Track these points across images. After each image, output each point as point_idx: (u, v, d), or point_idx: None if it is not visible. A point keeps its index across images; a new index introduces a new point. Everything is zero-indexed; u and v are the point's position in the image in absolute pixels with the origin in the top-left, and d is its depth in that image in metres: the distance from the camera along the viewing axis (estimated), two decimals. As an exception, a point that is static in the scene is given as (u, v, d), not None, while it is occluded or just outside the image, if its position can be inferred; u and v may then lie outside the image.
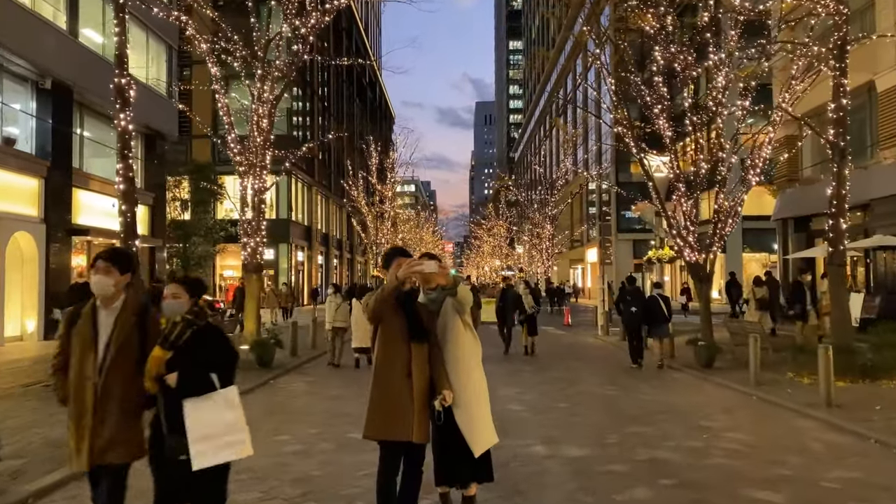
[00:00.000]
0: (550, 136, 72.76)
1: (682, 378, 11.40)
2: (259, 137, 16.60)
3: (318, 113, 48.27)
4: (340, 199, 48.52)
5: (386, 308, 3.79)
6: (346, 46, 59.81)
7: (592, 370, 12.53)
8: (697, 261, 16.42)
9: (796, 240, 23.63)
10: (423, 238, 75.08)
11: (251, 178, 16.81)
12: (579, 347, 17.27)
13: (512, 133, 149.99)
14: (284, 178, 40.04)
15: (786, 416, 8.04)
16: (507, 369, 12.50)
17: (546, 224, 45.92)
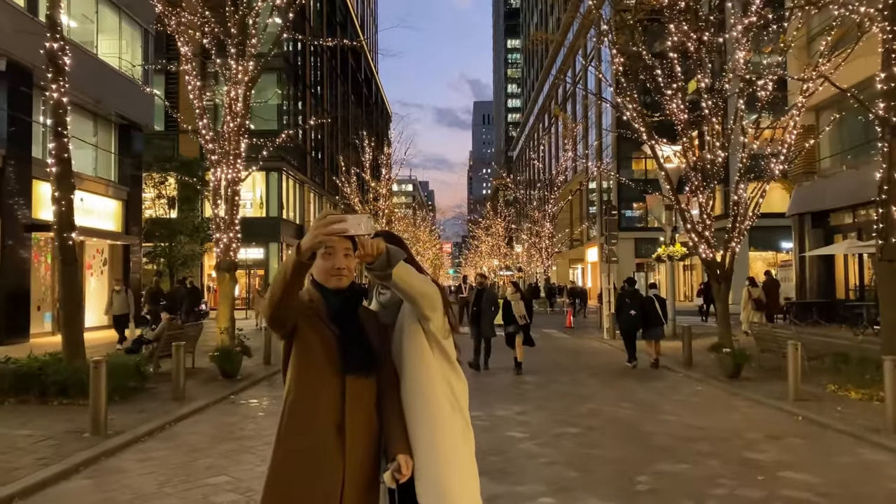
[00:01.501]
0: (550, 133, 71.28)
1: (708, 392, 9.90)
2: (232, 122, 15.09)
3: (311, 109, 46.76)
4: (334, 197, 47.03)
5: (295, 311, 2.30)
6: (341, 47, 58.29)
7: (603, 381, 11.03)
8: (714, 258, 14.97)
9: (814, 236, 22.16)
10: (420, 237, 73.62)
11: (224, 168, 15.30)
12: (585, 353, 15.76)
13: (510, 132, 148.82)
14: (275, 176, 38.70)
15: (847, 445, 6.55)
16: (505, 381, 11.00)
17: (545, 222, 44.41)
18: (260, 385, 10.73)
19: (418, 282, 2.35)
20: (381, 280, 2.31)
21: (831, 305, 21.04)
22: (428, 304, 2.39)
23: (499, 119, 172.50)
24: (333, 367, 2.32)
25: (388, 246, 2.31)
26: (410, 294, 2.34)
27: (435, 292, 2.43)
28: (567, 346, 17.46)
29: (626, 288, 13.89)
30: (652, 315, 12.93)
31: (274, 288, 2.21)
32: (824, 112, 21.33)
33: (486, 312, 12.40)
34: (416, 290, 2.34)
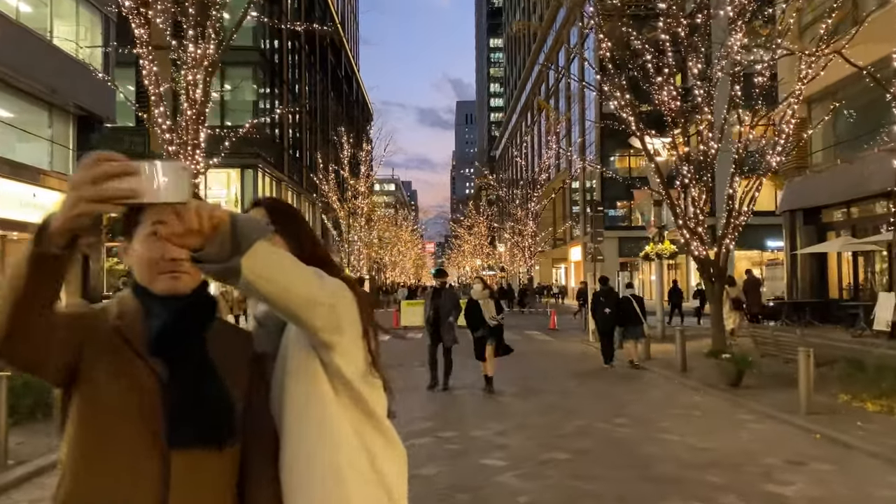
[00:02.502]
0: (532, 132, 70.50)
1: (709, 403, 8.94)
2: (190, 110, 13.97)
3: (288, 104, 45.49)
4: (313, 195, 45.79)
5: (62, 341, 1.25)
6: (321, 40, 57.13)
7: (592, 391, 10.04)
8: (708, 256, 14.08)
9: (805, 233, 21.37)
10: (402, 237, 72.54)
11: (182, 161, 14.14)
12: (570, 358, 14.80)
13: (493, 132, 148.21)
14: (250, 173, 37.45)
15: (882, 473, 5.58)
16: (481, 391, 9.94)
17: (528, 221, 43.50)
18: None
19: (298, 280, 1.30)
20: (220, 278, 1.24)
21: (825, 305, 20.27)
22: (324, 321, 1.35)
23: (481, 118, 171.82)
24: (150, 435, 1.29)
25: (236, 215, 1.24)
26: (283, 302, 1.29)
27: (340, 298, 1.38)
28: (551, 349, 16.50)
29: (601, 287, 13.79)
30: (630, 315, 12.86)
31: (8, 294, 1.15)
32: (817, 105, 20.58)
33: (444, 316, 10.27)
34: (296, 294, 1.29)
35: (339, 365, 1.38)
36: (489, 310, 10.18)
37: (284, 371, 1.41)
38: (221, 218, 1.18)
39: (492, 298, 10.41)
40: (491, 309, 10.21)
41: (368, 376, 1.44)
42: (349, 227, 39.52)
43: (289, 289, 1.27)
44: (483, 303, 10.17)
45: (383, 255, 63.35)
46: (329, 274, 1.40)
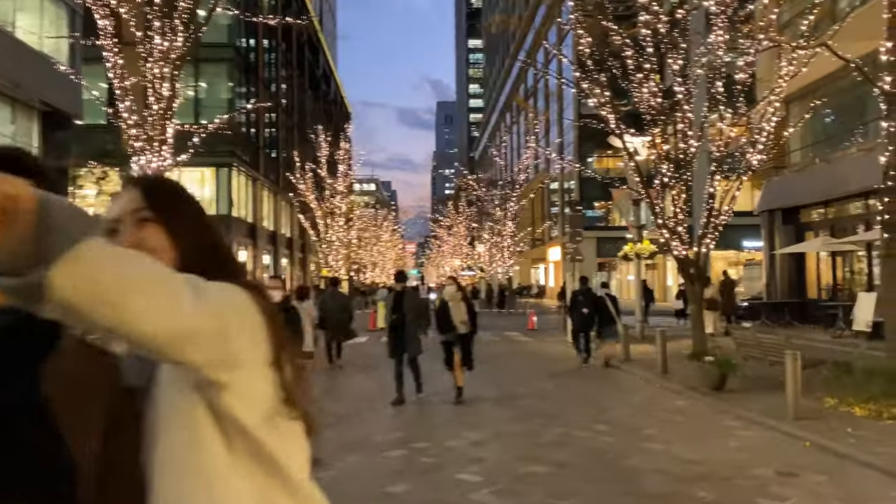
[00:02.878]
0: (511, 132, 70.38)
1: (692, 408, 8.66)
2: (156, 105, 13.46)
3: (263, 101, 44.77)
4: (290, 195, 45.15)
5: None
6: (297, 38, 56.46)
7: (572, 395, 9.73)
8: (688, 256, 13.86)
9: (784, 233, 21.31)
10: (381, 237, 72.03)
11: (148, 157, 13.66)
12: (548, 359, 14.50)
13: (472, 132, 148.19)
14: (225, 171, 36.76)
15: (879, 485, 5.27)
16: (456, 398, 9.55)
17: (507, 221, 43.26)
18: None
19: (157, 300, 0.82)
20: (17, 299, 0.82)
21: (803, 306, 20.21)
22: (207, 353, 0.91)
23: (461, 119, 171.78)
24: None
25: (47, 197, 0.78)
26: (134, 336, 0.83)
27: (233, 316, 0.95)
28: (529, 350, 16.20)
29: (580, 287, 13.86)
30: (605, 314, 12.99)
31: None
32: (795, 104, 20.50)
33: (409, 323, 9.14)
34: (152, 323, 0.82)
35: (232, 409, 0.97)
36: (459, 313, 9.11)
37: (157, 415, 1.01)
38: (20, 198, 0.74)
39: (464, 301, 9.35)
40: (461, 313, 9.14)
41: (278, 419, 1.04)
42: (326, 226, 38.94)
43: (140, 316, 0.81)
44: (453, 305, 9.11)
45: (363, 255, 62.80)
46: (225, 279, 1.00)
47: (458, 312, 9.13)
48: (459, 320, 9.10)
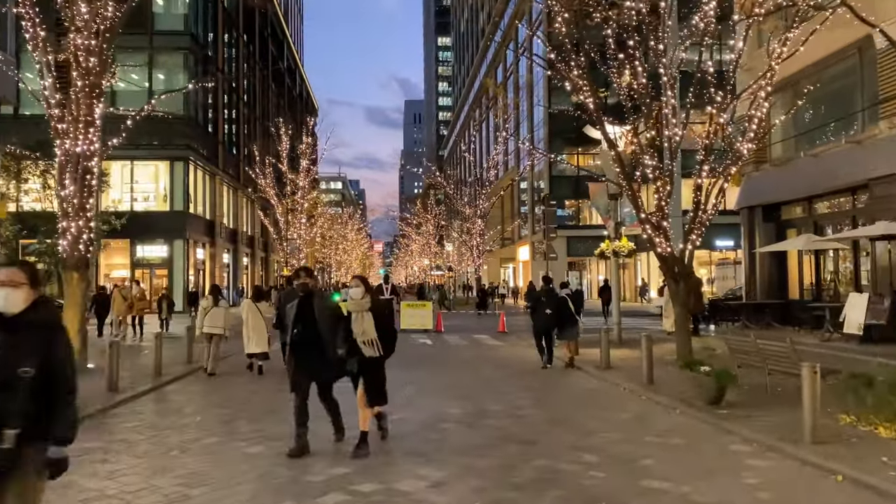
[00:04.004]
0: (480, 130, 69.26)
1: (691, 427, 7.46)
2: (81, 81, 11.92)
3: (223, 93, 42.95)
4: (252, 191, 43.36)
5: None
6: (261, 26, 54.57)
7: (551, 411, 8.47)
8: (672, 253, 12.77)
9: (765, 231, 20.44)
10: (347, 236, 70.37)
11: (73, 140, 12.10)
12: (521, 367, 13.27)
13: (441, 131, 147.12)
14: (181, 165, 34.91)
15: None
16: (419, 418, 8.22)
17: (476, 220, 42.06)
18: (81, 429, 7.64)
19: None
20: None
21: (785, 306, 19.34)
22: None
23: (430, 118, 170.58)
24: None
25: None
26: None
27: None
28: (500, 357, 14.97)
29: (543, 286, 13.43)
30: (566, 315, 12.74)
31: None
32: (778, 94, 19.62)
33: (321, 339, 6.40)
34: None
35: None
36: (364, 330, 6.22)
37: None
38: None
39: (372, 312, 6.30)
40: (368, 329, 6.22)
41: None
42: (287, 223, 37.27)
43: None
44: (357, 317, 6.25)
45: (328, 254, 61.09)
46: None
47: (361, 328, 6.21)
48: (364, 339, 6.20)
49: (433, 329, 21.69)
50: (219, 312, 12.50)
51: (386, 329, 6.37)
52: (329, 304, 6.73)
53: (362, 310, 6.23)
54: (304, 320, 6.36)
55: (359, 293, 6.30)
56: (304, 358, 6.39)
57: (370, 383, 6.37)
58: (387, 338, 6.35)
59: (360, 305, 6.24)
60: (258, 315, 12.61)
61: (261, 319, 12.58)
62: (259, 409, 8.67)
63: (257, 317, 12.59)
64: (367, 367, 6.32)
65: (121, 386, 9.78)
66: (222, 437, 7.11)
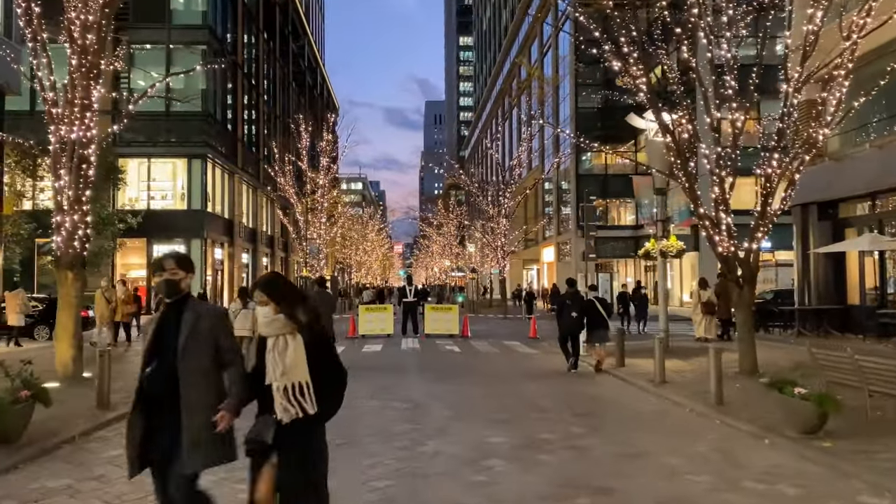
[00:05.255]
0: (504, 129, 67.84)
1: (797, 467, 5.97)
2: (75, 58, 10.76)
3: (242, 91, 42.00)
4: (272, 190, 42.36)
5: None
6: (281, 24, 53.66)
7: (613, 443, 7.01)
8: (736, 253, 11.36)
9: (820, 230, 18.82)
10: (367, 236, 69.25)
11: (69, 125, 10.95)
12: (565, 379, 11.92)
13: (462, 131, 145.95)
14: (199, 163, 33.95)
15: None
16: (460, 445, 6.87)
17: (501, 219, 40.64)
18: (52, 459, 6.39)
19: None
20: None
21: (844, 312, 17.71)
22: None
23: (451, 118, 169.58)
24: None
25: None
26: None
27: None
28: (537, 367, 13.61)
29: (568, 290, 13.24)
30: (595, 318, 12.54)
31: None
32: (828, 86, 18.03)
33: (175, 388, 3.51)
34: None
35: None
36: (286, 368, 3.33)
37: None
38: None
39: (311, 332, 3.46)
40: (292, 366, 3.34)
41: None
42: (307, 223, 36.15)
43: None
44: (274, 346, 3.38)
45: (348, 254, 60.00)
46: None
47: (283, 364, 3.34)
48: (284, 384, 3.31)
49: (459, 334, 20.36)
50: (247, 315, 12.12)
51: (327, 366, 3.40)
52: (217, 320, 3.66)
53: (283, 332, 3.38)
54: (163, 351, 3.51)
55: (267, 314, 3.41)
56: (154, 423, 3.49)
57: (292, 479, 3.24)
58: (327, 383, 3.38)
59: (276, 329, 3.39)
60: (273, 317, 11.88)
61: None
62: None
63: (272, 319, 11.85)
64: (288, 441, 3.25)
65: (113, 401, 8.54)
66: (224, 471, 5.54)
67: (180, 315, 3.53)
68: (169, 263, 3.62)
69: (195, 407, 3.40)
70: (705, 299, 17.53)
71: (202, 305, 3.68)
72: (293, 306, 3.41)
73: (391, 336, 20.16)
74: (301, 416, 3.26)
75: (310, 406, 3.27)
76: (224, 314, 3.76)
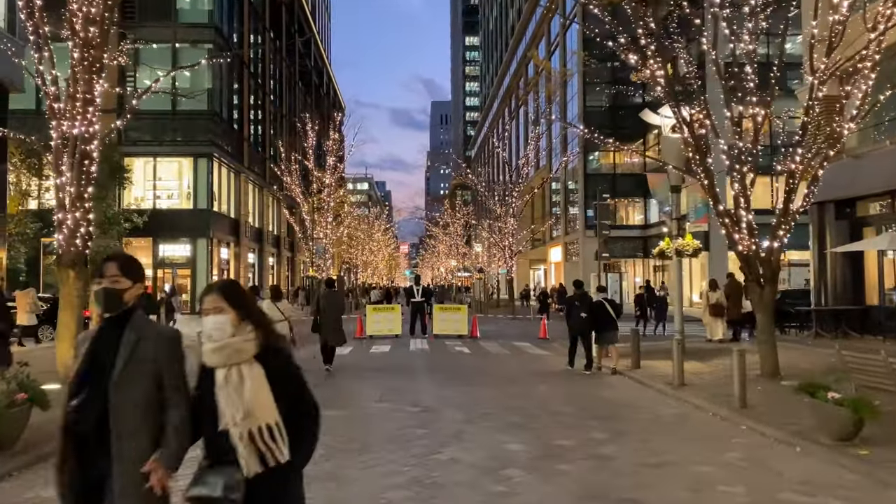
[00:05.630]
0: (510, 129, 67.49)
1: (834, 476, 5.63)
2: (77, 51, 10.49)
3: (249, 90, 41.78)
4: (278, 189, 42.11)
5: None
6: (287, 23, 53.46)
7: (636, 451, 6.65)
8: (757, 252, 11.01)
9: (837, 229, 18.42)
10: (374, 236, 68.99)
11: (70, 120, 10.68)
12: (579, 381, 11.60)
13: (468, 131, 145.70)
14: (205, 163, 33.73)
15: None
16: (476, 452, 6.57)
17: (509, 218, 40.28)
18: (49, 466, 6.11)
19: None
20: None
21: (863, 313, 17.31)
22: None
23: (457, 118, 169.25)
24: None
25: None
26: None
27: None
28: (549, 369, 13.30)
29: (575, 291, 13.25)
30: (604, 319, 12.46)
31: None
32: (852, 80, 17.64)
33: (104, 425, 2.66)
34: None
35: None
36: (248, 408, 2.56)
37: None
38: None
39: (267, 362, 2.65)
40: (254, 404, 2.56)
41: None
42: (313, 222, 35.89)
43: None
44: (226, 378, 2.60)
45: (354, 254, 59.74)
46: None
47: (242, 402, 2.55)
48: (245, 429, 2.54)
49: (468, 335, 20.04)
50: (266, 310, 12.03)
51: (296, 401, 2.68)
52: (165, 345, 2.77)
53: (237, 362, 2.60)
54: (96, 379, 2.70)
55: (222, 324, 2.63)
56: (88, 472, 2.67)
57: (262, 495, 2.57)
58: (299, 422, 2.67)
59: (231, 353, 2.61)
60: (278, 315, 11.85)
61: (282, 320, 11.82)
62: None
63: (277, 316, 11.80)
64: (257, 502, 2.56)
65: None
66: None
67: (121, 334, 2.73)
68: (110, 269, 2.82)
69: (127, 454, 2.59)
70: (714, 301, 17.29)
71: (149, 325, 2.81)
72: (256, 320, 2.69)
73: (399, 336, 19.86)
74: (272, 467, 2.55)
75: (283, 452, 2.55)
76: (175, 338, 2.79)
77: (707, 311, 17.58)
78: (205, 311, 2.63)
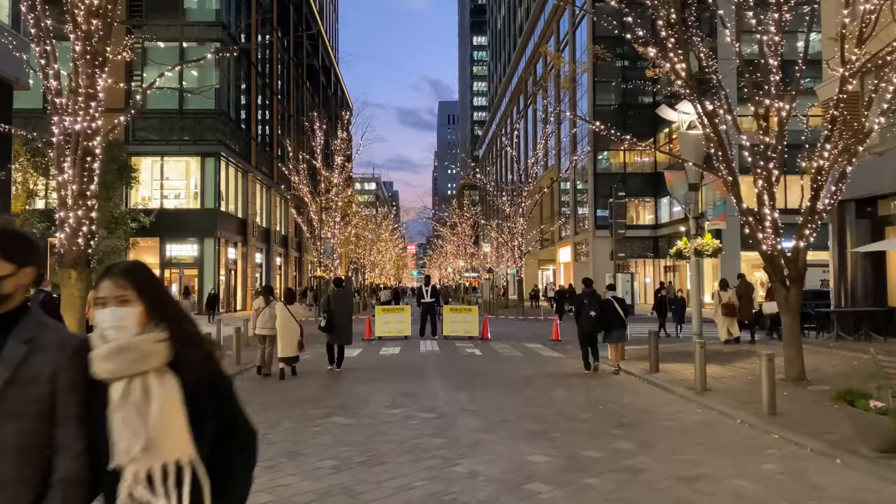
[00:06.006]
0: (518, 129, 67.06)
1: (881, 493, 5.32)
2: (79, 44, 10.18)
3: (256, 89, 41.55)
4: (286, 189, 41.85)
5: None
6: (295, 22, 53.23)
7: (667, 458, 6.33)
8: (782, 251, 10.60)
9: (858, 229, 17.96)
10: (381, 236, 68.69)
11: (73, 116, 10.38)
12: (598, 386, 11.20)
13: (476, 131, 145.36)
14: (212, 162, 33.49)
15: None
16: (497, 465, 6.20)
17: (518, 217, 39.88)
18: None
19: None
20: None
21: (887, 314, 16.84)
22: None
23: (465, 118, 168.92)
24: None
25: None
26: None
27: None
28: (565, 372, 12.92)
29: (585, 289, 13.11)
30: (613, 317, 12.47)
31: None
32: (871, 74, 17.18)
33: None
34: None
35: None
36: (151, 436, 1.70)
37: None
38: None
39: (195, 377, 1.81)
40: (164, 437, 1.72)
41: None
42: (321, 222, 35.59)
43: None
44: (125, 397, 1.74)
45: (362, 255, 59.44)
46: None
47: (145, 430, 1.71)
48: (148, 486, 1.71)
49: (478, 336, 19.67)
50: (271, 314, 12.45)
51: (226, 430, 1.87)
52: (64, 360, 1.82)
53: (141, 371, 1.77)
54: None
55: (124, 319, 1.80)
56: None
57: None
58: (227, 461, 1.86)
59: (134, 359, 1.76)
60: (290, 318, 12.10)
61: (294, 323, 12.11)
62: (278, 451, 6.70)
63: (290, 320, 12.10)
64: None
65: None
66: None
67: (4, 341, 1.82)
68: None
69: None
70: (726, 300, 17.02)
71: (46, 331, 1.87)
72: (168, 312, 1.86)
73: (409, 338, 19.51)
74: None
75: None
76: (79, 350, 1.82)
77: (718, 311, 17.33)
78: (100, 301, 1.82)
